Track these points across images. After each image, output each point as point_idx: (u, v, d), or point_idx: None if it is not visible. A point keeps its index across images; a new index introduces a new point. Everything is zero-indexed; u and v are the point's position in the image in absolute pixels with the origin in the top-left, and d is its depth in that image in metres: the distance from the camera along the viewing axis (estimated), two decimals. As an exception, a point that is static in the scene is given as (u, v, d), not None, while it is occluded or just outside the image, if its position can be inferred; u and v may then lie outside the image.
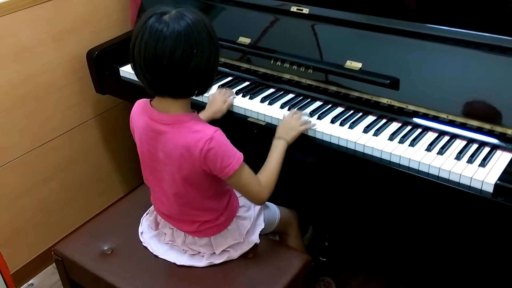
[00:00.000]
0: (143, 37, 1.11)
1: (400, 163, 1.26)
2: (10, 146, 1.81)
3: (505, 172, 1.17)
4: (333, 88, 1.49)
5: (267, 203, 1.47)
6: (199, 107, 1.54)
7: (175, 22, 1.09)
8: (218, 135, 1.16)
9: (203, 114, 1.45)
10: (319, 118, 1.41)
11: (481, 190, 1.16)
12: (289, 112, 1.42)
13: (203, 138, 1.14)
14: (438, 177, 1.21)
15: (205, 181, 1.22)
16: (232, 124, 1.47)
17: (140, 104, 1.27)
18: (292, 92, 1.55)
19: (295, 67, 1.54)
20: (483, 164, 1.19)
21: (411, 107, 1.36)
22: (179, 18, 1.10)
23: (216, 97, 1.50)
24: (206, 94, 1.25)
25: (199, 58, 1.10)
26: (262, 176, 1.26)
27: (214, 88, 1.60)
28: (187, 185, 1.23)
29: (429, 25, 1.37)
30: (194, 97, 1.22)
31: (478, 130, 1.28)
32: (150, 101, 1.24)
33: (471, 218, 1.33)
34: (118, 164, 2.26)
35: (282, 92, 1.56)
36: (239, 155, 1.19)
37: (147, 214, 1.45)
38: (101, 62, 1.86)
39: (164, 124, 1.19)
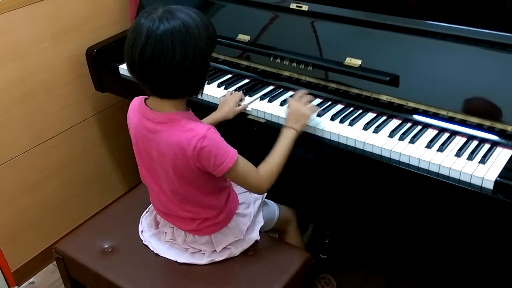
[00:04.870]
0: (128, 33, 1.13)
1: (400, 160, 1.26)
2: (10, 144, 1.81)
3: (505, 168, 1.17)
4: (333, 85, 1.49)
5: (266, 200, 1.47)
6: (205, 106, 1.55)
7: (153, 21, 1.09)
8: (211, 133, 1.15)
9: (215, 115, 1.45)
10: (319, 115, 1.41)
11: (481, 187, 1.16)
12: (293, 97, 1.39)
13: (196, 137, 1.14)
14: (438, 174, 1.21)
15: (201, 178, 1.22)
16: (232, 121, 1.47)
17: (136, 102, 1.27)
18: (291, 89, 1.55)
19: (294, 64, 1.54)
20: (483, 161, 1.19)
21: (411, 104, 1.36)
22: (160, 19, 1.09)
23: (227, 98, 1.50)
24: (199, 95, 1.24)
25: (167, 59, 1.09)
26: (264, 166, 1.25)
27: (213, 88, 1.60)
28: (183, 182, 1.23)
29: (428, 21, 1.37)
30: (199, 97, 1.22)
31: (478, 127, 1.28)
32: (146, 99, 1.24)
33: (471, 215, 1.33)
34: (118, 162, 2.26)
35: (281, 90, 1.56)
36: (233, 152, 1.18)
37: (146, 212, 1.45)
38: (101, 60, 1.86)
39: (157, 123, 1.19)
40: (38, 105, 1.86)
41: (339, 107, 1.45)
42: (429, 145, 1.26)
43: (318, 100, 1.49)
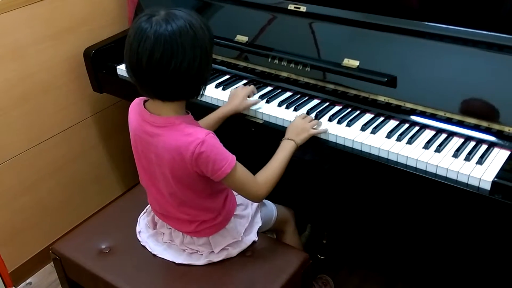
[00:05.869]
0: (130, 37, 1.12)
1: (398, 161, 1.26)
2: (8, 144, 1.81)
3: (502, 169, 1.17)
4: (331, 86, 1.49)
5: (264, 200, 1.47)
6: (202, 107, 1.55)
7: (159, 24, 1.08)
8: (209, 138, 1.15)
9: (223, 109, 1.45)
10: (316, 116, 1.41)
11: (478, 187, 1.16)
12: (298, 115, 1.41)
13: (194, 142, 1.14)
14: (435, 175, 1.21)
15: (199, 182, 1.22)
16: (229, 122, 1.47)
17: (135, 104, 1.27)
18: (289, 90, 1.55)
19: (292, 65, 1.54)
20: (480, 161, 1.19)
21: (409, 105, 1.36)
22: (165, 20, 1.09)
23: (238, 90, 1.50)
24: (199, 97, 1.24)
25: (178, 60, 1.09)
26: (262, 174, 1.25)
27: (211, 89, 1.60)
28: (180, 186, 1.23)
29: (426, 23, 1.37)
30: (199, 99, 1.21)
31: (476, 128, 1.28)
32: (145, 102, 1.24)
33: (468, 215, 1.33)
34: (115, 162, 2.26)
35: (279, 90, 1.56)
36: (231, 158, 1.18)
37: (144, 213, 1.45)
38: (98, 60, 1.86)
39: (156, 127, 1.18)
40: (36, 106, 1.86)
41: (336, 108, 1.45)
42: (427, 145, 1.26)
43: (316, 101, 1.49)
